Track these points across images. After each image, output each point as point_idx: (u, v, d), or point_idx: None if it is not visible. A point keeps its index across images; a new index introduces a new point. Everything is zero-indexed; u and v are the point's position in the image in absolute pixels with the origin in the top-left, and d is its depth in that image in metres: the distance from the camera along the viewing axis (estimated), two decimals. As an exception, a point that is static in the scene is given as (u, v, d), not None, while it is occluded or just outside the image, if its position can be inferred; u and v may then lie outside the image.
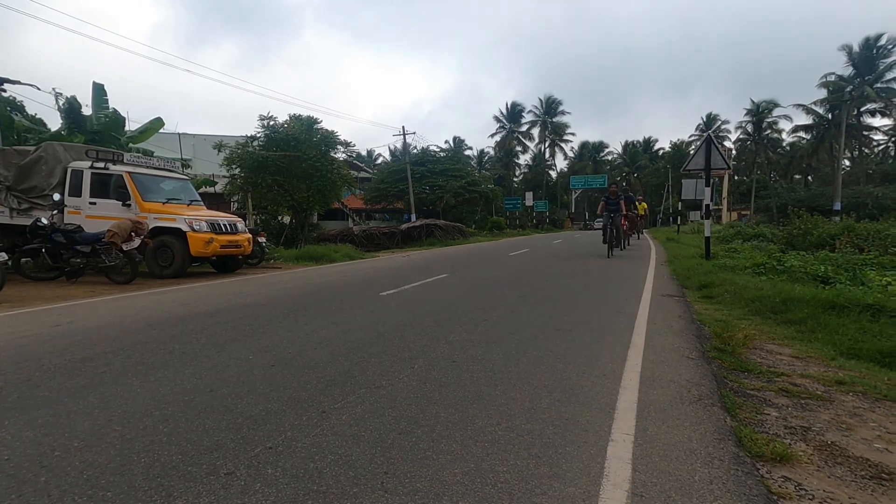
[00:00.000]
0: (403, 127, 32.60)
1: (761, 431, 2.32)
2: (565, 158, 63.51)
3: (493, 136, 61.44)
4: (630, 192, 17.12)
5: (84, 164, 9.23)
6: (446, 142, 62.08)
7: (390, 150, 58.70)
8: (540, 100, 58.92)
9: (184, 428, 2.31)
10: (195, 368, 3.26)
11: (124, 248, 7.96)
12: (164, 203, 9.33)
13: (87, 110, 13.90)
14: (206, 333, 4.31)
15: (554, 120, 58.63)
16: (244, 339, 4.08)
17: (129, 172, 9.17)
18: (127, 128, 15.01)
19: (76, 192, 9.17)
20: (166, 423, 2.38)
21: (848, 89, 36.72)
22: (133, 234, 8.12)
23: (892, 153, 48.70)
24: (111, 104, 14.34)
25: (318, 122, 20.14)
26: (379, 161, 59.67)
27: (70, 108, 13.50)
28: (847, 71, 37.09)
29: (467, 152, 61.98)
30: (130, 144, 14.33)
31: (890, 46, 35.21)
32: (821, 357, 3.69)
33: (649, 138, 68.92)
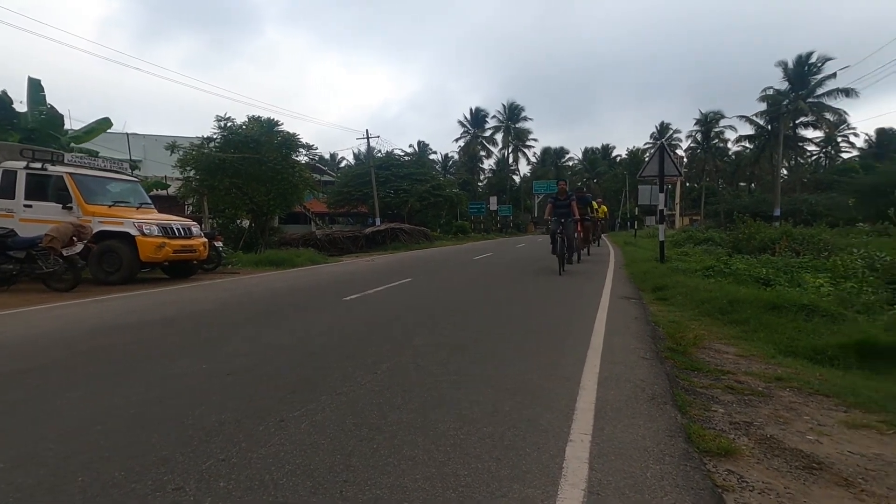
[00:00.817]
0: (367, 130, 32.43)
1: (709, 428, 2.44)
2: (528, 164, 64.82)
3: (457, 140, 61.92)
4: (585, 191, 13.54)
5: (18, 165, 8.59)
6: (411, 146, 62.09)
7: (354, 154, 58.14)
8: (503, 105, 59.95)
9: (128, 443, 2.18)
10: (143, 379, 3.09)
11: (64, 254, 7.44)
12: (110, 206, 8.81)
13: (21, 107, 12.95)
14: (157, 342, 4.10)
15: (517, 126, 59.77)
16: (198, 348, 3.90)
17: (70, 173, 8.60)
18: (69, 126, 14.09)
19: (8, 193, 8.50)
20: (108, 438, 2.24)
21: (784, 103, 39.47)
22: (75, 238, 7.61)
23: (824, 163, 52.73)
24: (52, 101, 13.42)
25: (279, 125, 19.63)
26: (342, 164, 58.87)
27: (0, 104, 12.53)
28: (783, 85, 39.93)
29: (432, 157, 62.18)
30: (73, 144, 13.46)
31: (819, 64, 38.18)
32: (762, 355, 3.92)
33: (607, 145, 71.46)
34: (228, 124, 18.69)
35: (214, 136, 18.81)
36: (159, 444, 2.17)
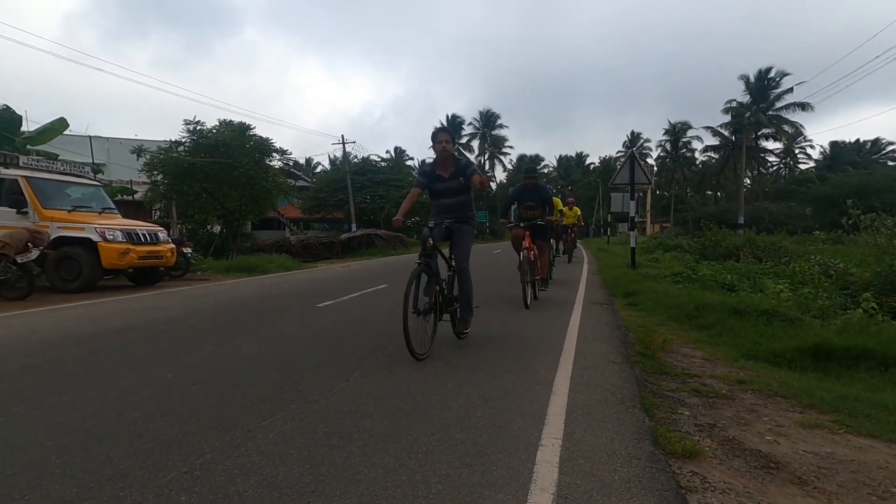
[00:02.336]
0: (343, 136, 32.24)
1: (675, 430, 2.50)
2: (504, 170, 65.60)
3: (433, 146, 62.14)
4: (535, 176, 7.16)
5: (-32, 167, 8.17)
6: (387, 152, 61.98)
7: (330, 160, 57.65)
8: (480, 112, 60.78)
9: (82, 458, 2.08)
10: (101, 391, 2.95)
11: (18, 261, 7.09)
12: (69, 211, 8.45)
13: None
14: (118, 352, 3.93)
15: (493, 133, 60.54)
16: (162, 357, 3.76)
17: (25, 177, 8.22)
18: (26, 128, 13.49)
19: None
20: (60, 453, 2.12)
21: (746, 115, 41.31)
22: (30, 244, 7.27)
23: (784, 174, 55.34)
24: (8, 102, 12.82)
25: (251, 129, 19.31)
26: (318, 170, 58.29)
27: (-51, 105, 11.90)
28: (745, 98, 41.80)
29: (409, 163, 62.15)
30: (29, 146, 12.87)
31: (778, 78, 40.27)
32: (726, 358, 4.06)
33: (581, 153, 73.08)
34: (198, 128, 18.27)
35: (183, 140, 18.35)
36: (117, 458, 2.07)
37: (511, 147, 64.20)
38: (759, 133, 42.53)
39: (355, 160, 35.96)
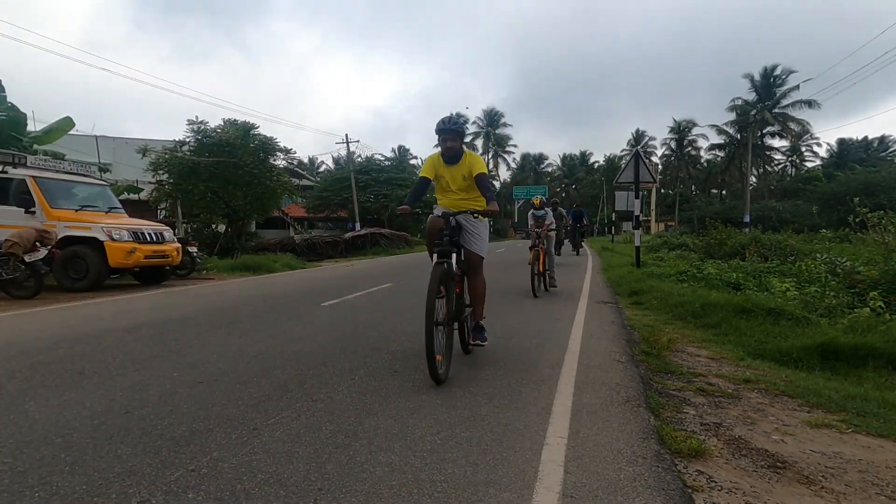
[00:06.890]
0: (346, 135, 32.36)
1: (680, 429, 2.49)
2: (508, 169, 65.56)
3: (437, 146, 62.11)
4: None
5: (-23, 167, 8.23)
6: (392, 150, 62.09)
7: (334, 159, 57.82)
8: (484, 111, 60.85)
9: (91, 455, 2.10)
10: (108, 389, 2.98)
11: (27, 260, 7.15)
12: (76, 210, 8.51)
13: None
14: (124, 350, 3.96)
15: (497, 132, 60.50)
16: (168, 356, 3.79)
17: (33, 177, 8.29)
18: (32, 128, 13.56)
19: None
20: (69, 450, 2.15)
21: (752, 113, 41.05)
22: (38, 243, 7.32)
23: (790, 172, 54.92)
24: (13, 101, 12.84)
25: (255, 128, 19.37)
26: (322, 169, 58.45)
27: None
28: (751, 96, 41.55)
29: (413, 161, 62.28)
30: (35, 146, 12.95)
31: (784, 76, 40.00)
32: (732, 358, 4.04)
33: (585, 151, 72.78)
34: (202, 127, 18.37)
35: (187, 140, 18.46)
36: (125, 455, 2.09)
37: (515, 146, 64.16)
38: (765, 131, 42.26)
39: (359, 159, 36.04)
